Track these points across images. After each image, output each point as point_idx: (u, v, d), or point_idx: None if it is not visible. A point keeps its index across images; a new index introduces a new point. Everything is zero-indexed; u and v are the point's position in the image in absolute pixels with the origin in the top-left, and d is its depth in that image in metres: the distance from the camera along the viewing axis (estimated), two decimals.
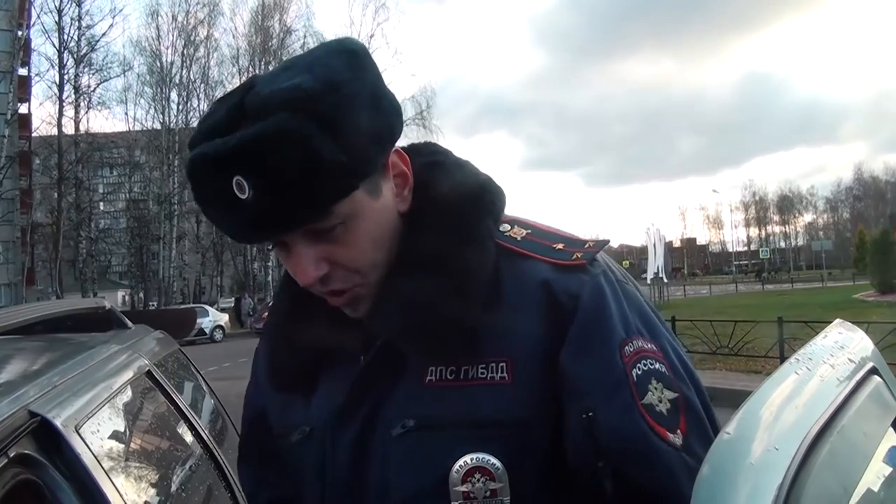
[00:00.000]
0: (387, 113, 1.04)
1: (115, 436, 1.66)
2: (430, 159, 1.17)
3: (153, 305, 46.41)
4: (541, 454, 1.03)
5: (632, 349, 1.04)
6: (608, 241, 1.14)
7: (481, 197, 1.13)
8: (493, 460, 1.01)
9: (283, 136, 0.91)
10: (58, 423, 1.34)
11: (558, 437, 1.03)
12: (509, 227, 1.14)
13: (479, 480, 1.01)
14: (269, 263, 51.28)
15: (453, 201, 1.11)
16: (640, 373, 1.02)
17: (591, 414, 1.00)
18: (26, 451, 1.23)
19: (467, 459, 1.01)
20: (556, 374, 1.03)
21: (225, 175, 0.94)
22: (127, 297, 54.79)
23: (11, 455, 1.17)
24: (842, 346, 1.00)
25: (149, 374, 2.11)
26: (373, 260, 1.06)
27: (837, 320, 1.11)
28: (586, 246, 1.11)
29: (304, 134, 0.92)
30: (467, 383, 1.04)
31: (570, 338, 1.03)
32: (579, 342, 1.03)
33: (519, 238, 1.13)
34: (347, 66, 0.98)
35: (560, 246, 1.11)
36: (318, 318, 1.14)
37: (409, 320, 1.04)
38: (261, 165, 0.92)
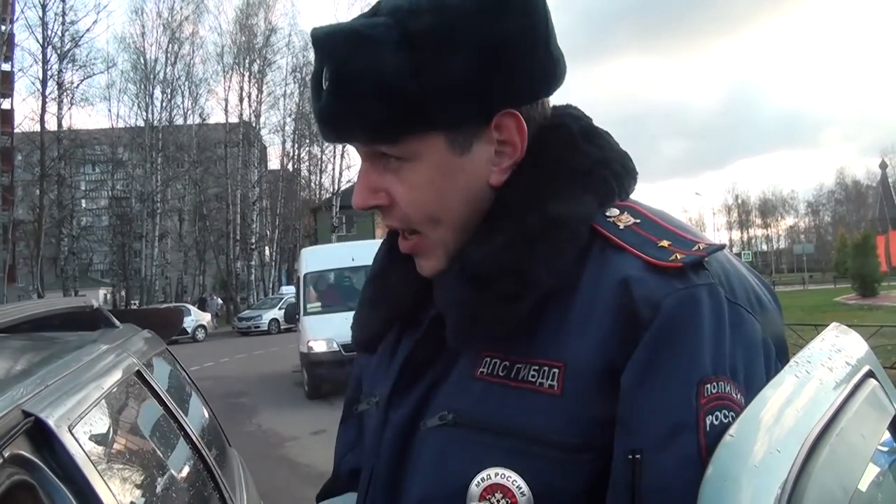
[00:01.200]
0: (509, 70, 0.90)
1: (107, 436, 1.65)
2: (555, 121, 1.01)
3: (135, 304, 46.18)
4: (579, 486, 0.87)
5: (714, 391, 0.82)
6: (723, 246, 0.92)
7: (591, 172, 0.97)
8: (520, 482, 0.87)
9: (362, 38, 0.87)
10: (51, 422, 1.32)
11: (606, 470, 0.86)
12: (617, 213, 0.96)
13: (499, 501, 0.87)
14: (252, 262, 51.17)
15: (552, 172, 0.95)
16: (716, 422, 0.81)
17: (638, 456, 0.82)
18: (20, 452, 1.22)
19: (490, 473, 0.88)
20: (616, 395, 0.85)
21: (320, 60, 0.92)
22: (109, 296, 54.47)
23: (6, 455, 1.16)
24: (839, 350, 1.00)
25: (138, 373, 2.10)
26: (432, 214, 0.95)
27: (834, 323, 1.11)
28: (695, 248, 0.90)
29: (380, 43, 0.87)
30: (516, 384, 0.90)
31: (637, 357, 0.84)
32: (646, 363, 0.84)
33: (621, 226, 0.94)
34: None
35: (665, 243, 0.91)
36: (405, 280, 1.05)
37: (460, 294, 0.92)
38: (335, 59, 0.89)
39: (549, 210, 0.92)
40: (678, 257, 0.88)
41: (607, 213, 0.96)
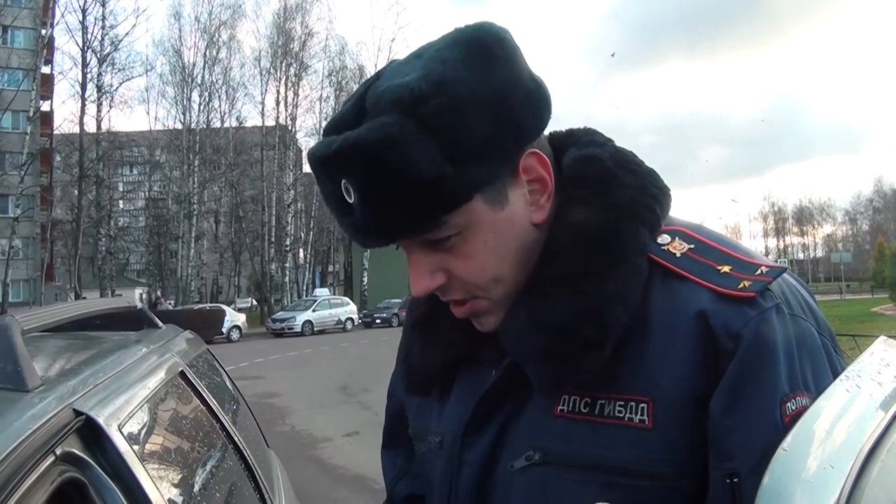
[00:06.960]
0: (518, 112, 0.92)
1: (154, 435, 1.67)
2: (584, 153, 1.03)
3: (171, 304, 46.69)
4: None
5: (794, 407, 0.87)
6: (786, 269, 0.96)
7: (638, 203, 0.98)
8: None
9: (381, 143, 0.85)
10: (101, 421, 1.35)
11: (700, 494, 0.90)
12: (669, 240, 0.99)
13: None
14: (287, 264, 51.51)
15: (602, 209, 0.97)
16: None
17: (735, 480, 0.86)
18: (72, 450, 1.24)
19: None
20: (705, 422, 0.89)
21: (334, 177, 0.90)
22: (144, 295, 55.16)
23: (58, 453, 1.18)
24: (888, 364, 0.99)
25: (182, 374, 2.13)
26: (494, 274, 0.96)
27: (882, 336, 1.09)
28: (758, 272, 0.93)
29: (404, 142, 0.84)
30: (602, 420, 0.93)
31: (725, 385, 0.88)
32: (734, 392, 0.88)
33: (678, 254, 0.97)
34: (466, 59, 0.88)
35: (726, 269, 0.94)
36: (455, 322, 1.05)
37: (538, 343, 0.93)
38: (360, 172, 0.87)
39: (607, 247, 0.95)
40: (746, 285, 0.91)
41: (659, 241, 0.99)
